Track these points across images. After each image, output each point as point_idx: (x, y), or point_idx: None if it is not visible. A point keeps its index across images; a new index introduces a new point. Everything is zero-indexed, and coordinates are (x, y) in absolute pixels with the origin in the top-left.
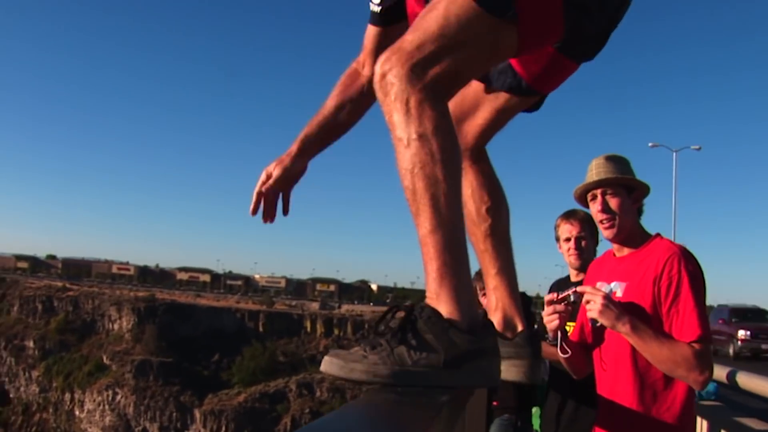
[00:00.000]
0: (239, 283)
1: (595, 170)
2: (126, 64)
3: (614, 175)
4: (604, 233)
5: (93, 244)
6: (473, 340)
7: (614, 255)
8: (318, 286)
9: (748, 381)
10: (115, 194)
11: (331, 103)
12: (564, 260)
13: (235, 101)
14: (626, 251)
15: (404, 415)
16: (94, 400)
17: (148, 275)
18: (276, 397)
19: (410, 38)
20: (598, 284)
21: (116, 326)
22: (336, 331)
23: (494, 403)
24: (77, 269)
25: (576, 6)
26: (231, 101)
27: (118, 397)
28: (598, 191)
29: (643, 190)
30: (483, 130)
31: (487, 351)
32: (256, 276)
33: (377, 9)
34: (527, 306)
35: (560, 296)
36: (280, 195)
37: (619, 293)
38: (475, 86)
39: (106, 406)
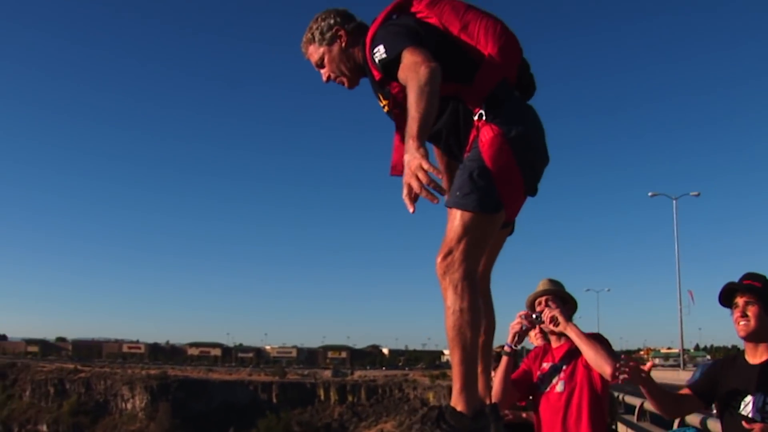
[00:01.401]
0: (250, 355)
1: (542, 286)
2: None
3: (555, 288)
4: (547, 328)
5: (102, 324)
6: (476, 422)
7: (553, 345)
8: (329, 354)
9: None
10: (122, 273)
11: None
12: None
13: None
14: (563, 341)
15: None
16: None
17: (159, 352)
18: None
19: (451, 244)
20: (544, 364)
21: (129, 405)
22: (350, 398)
23: None
24: (87, 350)
25: (529, 187)
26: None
27: None
28: (544, 299)
29: (573, 303)
30: (487, 263)
31: (484, 427)
32: (267, 347)
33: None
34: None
35: (529, 313)
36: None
37: (563, 366)
38: None
39: None
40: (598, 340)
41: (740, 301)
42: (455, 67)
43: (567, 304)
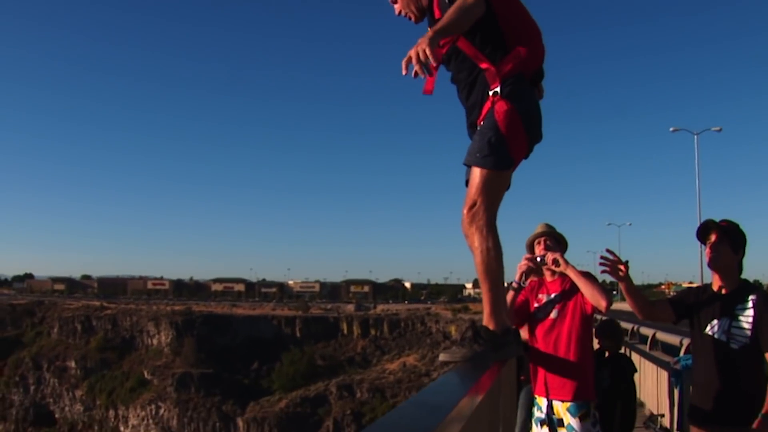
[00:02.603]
0: (274, 290)
1: (539, 228)
2: (153, 78)
3: (550, 230)
4: (549, 268)
5: (126, 261)
6: (504, 338)
7: (547, 279)
8: (352, 288)
9: None
10: (145, 210)
11: None
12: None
13: (248, 107)
14: (556, 276)
15: (479, 368)
16: (138, 416)
17: (183, 288)
18: (317, 400)
19: (474, 197)
20: (540, 295)
21: (155, 341)
22: (372, 332)
23: (521, 378)
24: (113, 287)
25: (530, 149)
26: (246, 107)
27: (162, 411)
28: (542, 239)
29: (565, 243)
30: None
31: (510, 342)
32: (290, 282)
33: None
34: None
35: (534, 256)
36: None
37: (555, 297)
38: None
39: (150, 421)
40: (591, 277)
41: (713, 236)
42: (490, 44)
43: (560, 244)
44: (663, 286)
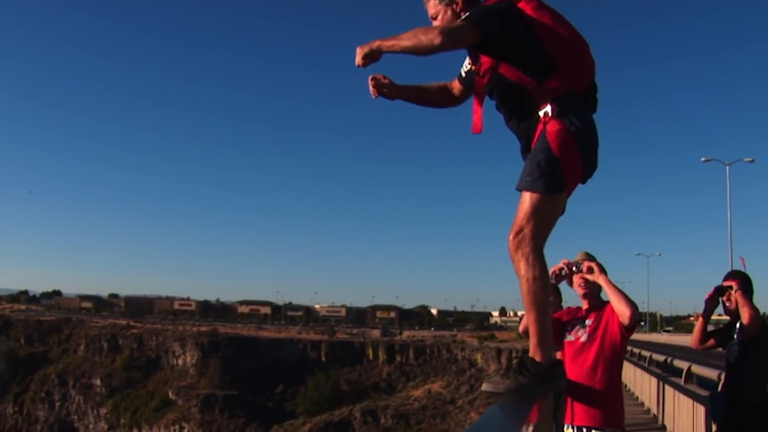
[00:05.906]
0: (300, 313)
1: (579, 257)
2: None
3: (590, 258)
4: (580, 291)
5: (153, 281)
6: (550, 371)
7: (583, 307)
8: (378, 314)
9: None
10: (174, 233)
11: (433, 87)
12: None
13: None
14: (591, 305)
15: (524, 400)
16: None
17: (210, 310)
18: (341, 425)
19: (522, 222)
20: (573, 320)
21: (180, 361)
22: (398, 358)
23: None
24: (139, 307)
25: (588, 175)
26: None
27: None
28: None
29: (603, 271)
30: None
31: (557, 375)
32: (317, 306)
33: (462, 72)
34: None
35: (571, 262)
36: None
37: (588, 322)
38: None
39: None
40: (621, 290)
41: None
42: (535, 64)
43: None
44: (692, 318)
